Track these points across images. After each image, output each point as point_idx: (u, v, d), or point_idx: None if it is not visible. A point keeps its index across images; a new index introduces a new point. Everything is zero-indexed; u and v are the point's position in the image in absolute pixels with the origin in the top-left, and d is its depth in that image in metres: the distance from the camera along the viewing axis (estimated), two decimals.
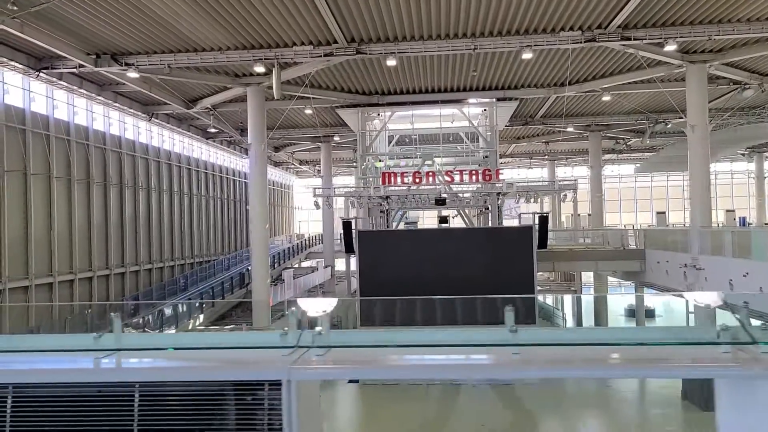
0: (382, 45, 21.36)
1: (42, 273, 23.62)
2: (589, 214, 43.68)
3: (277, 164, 57.27)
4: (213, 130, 33.37)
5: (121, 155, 30.19)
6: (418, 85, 28.71)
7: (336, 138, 40.06)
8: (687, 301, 22.45)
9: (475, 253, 25.16)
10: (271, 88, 26.38)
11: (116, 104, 28.00)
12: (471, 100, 29.72)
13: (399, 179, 24.71)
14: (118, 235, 29.41)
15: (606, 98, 28.85)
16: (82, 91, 25.08)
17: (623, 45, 20.99)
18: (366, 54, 21.53)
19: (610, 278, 38.63)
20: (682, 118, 34.71)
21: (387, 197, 26.83)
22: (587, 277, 41.82)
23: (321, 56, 21.60)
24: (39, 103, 24.08)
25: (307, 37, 20.81)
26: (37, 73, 22.15)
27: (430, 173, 24.55)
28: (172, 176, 35.59)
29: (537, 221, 26.13)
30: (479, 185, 24.56)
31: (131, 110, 29.60)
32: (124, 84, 26.22)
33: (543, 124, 37.13)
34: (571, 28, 20.48)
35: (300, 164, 56.19)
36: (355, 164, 52.77)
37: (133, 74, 22.51)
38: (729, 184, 62.20)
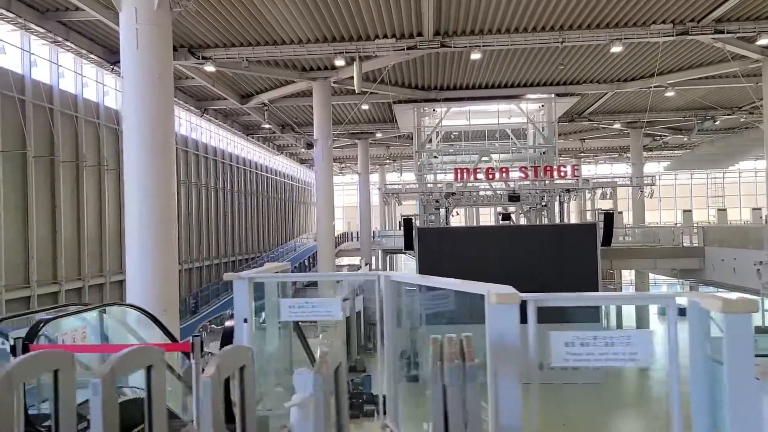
0: (467, 38, 21.02)
1: (94, 273, 23.01)
2: (619, 212, 43.45)
3: (303, 161, 56.93)
4: (267, 126, 32.93)
5: (177, 151, 29.74)
6: (476, 81, 28.42)
7: (378, 134, 39.68)
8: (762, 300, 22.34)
9: (537, 250, 24.87)
10: (336, 82, 26.23)
11: (178, 100, 27.52)
12: (530, 96, 29.43)
13: (472, 175, 24.36)
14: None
15: (669, 94, 28.64)
16: None
17: (713, 39, 20.76)
18: (450, 47, 21.19)
19: (651, 275, 38.53)
20: (732, 114, 34.83)
21: (452, 194, 26.49)
22: (627, 274, 41.73)
23: (403, 49, 21.26)
24: (110, 97, 23.60)
25: (393, 29, 20.46)
26: (112, 66, 21.69)
27: (504, 169, 24.22)
28: (218, 173, 35.16)
29: (602, 218, 25.88)
30: (555, 181, 24.24)
31: (186, 105, 29.15)
32: (186, 78, 25.82)
33: (589, 120, 36.96)
34: (663, 22, 20.22)
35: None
36: (388, 161, 52.66)
37: (209, 68, 22.10)
38: (753, 183, 62.25)
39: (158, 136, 9.44)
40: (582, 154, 49.87)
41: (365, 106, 30.87)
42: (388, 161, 51.39)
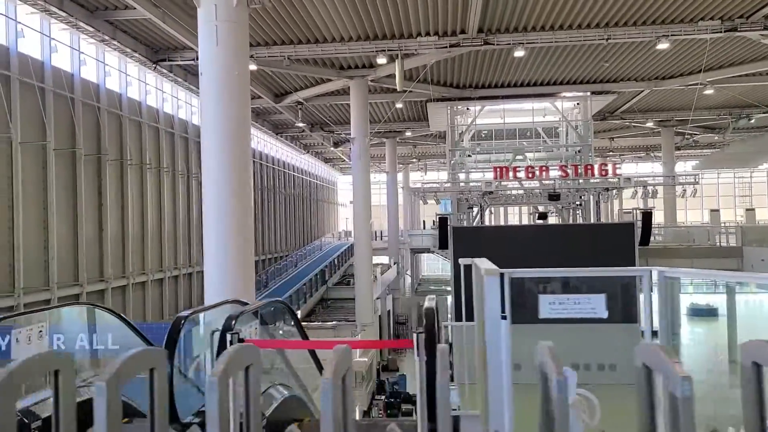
0: (510, 35, 20.87)
1: (137, 271, 23.08)
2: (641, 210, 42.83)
3: (327, 160, 56.97)
4: (300, 125, 32.93)
5: None
6: (512, 79, 28.25)
7: (408, 133, 39.59)
8: None
9: (574, 249, 24.57)
10: (374, 81, 26.16)
11: None
12: (566, 94, 29.19)
13: (511, 173, 24.18)
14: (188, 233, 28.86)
15: (709, 91, 28.26)
16: (189, 85, 24.69)
17: (761, 35, 20.43)
18: (493, 45, 21.05)
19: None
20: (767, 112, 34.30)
21: (490, 192, 26.34)
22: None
23: (446, 47, 21.15)
24: (152, 96, 23.73)
25: (436, 27, 20.36)
26: (154, 65, 21.80)
27: (545, 168, 24.03)
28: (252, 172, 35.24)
29: (640, 218, 25.62)
30: (597, 179, 23.98)
31: None
32: None
33: (621, 119, 36.59)
34: (711, 18, 19.94)
35: (350, 160, 55.74)
36: (414, 160, 52.52)
37: (251, 66, 22.06)
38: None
39: (235, 133, 9.42)
40: (610, 153, 49.39)
41: (399, 105, 30.79)
42: (414, 160, 51.24)
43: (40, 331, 4.08)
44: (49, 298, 16.66)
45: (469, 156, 31.22)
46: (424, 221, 47.56)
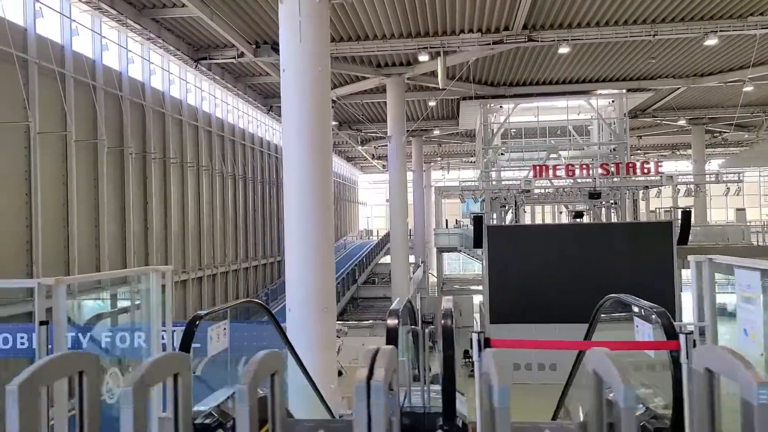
0: (554, 32, 20.68)
1: (178, 269, 23.09)
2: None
3: (350, 159, 56.88)
4: (333, 123, 32.83)
5: (244, 146, 29.86)
6: (547, 76, 28.02)
7: (436, 131, 39.42)
8: None
9: (611, 248, 24.40)
10: (411, 78, 26.03)
11: (246, 96, 27.62)
12: (602, 91, 28.92)
13: (551, 171, 23.97)
14: (232, 231, 28.88)
15: (748, 88, 27.86)
16: (226, 83, 24.71)
17: None
18: (537, 41, 20.86)
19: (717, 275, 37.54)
20: None
21: (527, 191, 26.13)
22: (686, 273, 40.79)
23: (488, 44, 20.98)
24: (192, 95, 23.76)
25: (481, 23, 20.20)
26: (195, 63, 21.78)
27: (585, 165, 23.79)
28: (278, 169, 35.25)
29: (679, 216, 25.34)
30: (640, 177, 23.73)
31: (255, 102, 29.23)
32: (258, 75, 25.91)
33: (652, 117, 36.23)
34: (761, 13, 19.62)
35: (373, 159, 55.65)
36: (438, 158, 52.33)
37: None
38: None
39: (317, 131, 9.32)
40: (637, 151, 48.96)
41: (432, 103, 30.64)
42: (438, 159, 51.07)
43: (225, 329, 4.02)
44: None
45: (502, 154, 30.99)
46: (446, 220, 47.39)
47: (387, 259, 51.59)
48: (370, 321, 26.51)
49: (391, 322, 9.50)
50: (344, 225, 56.61)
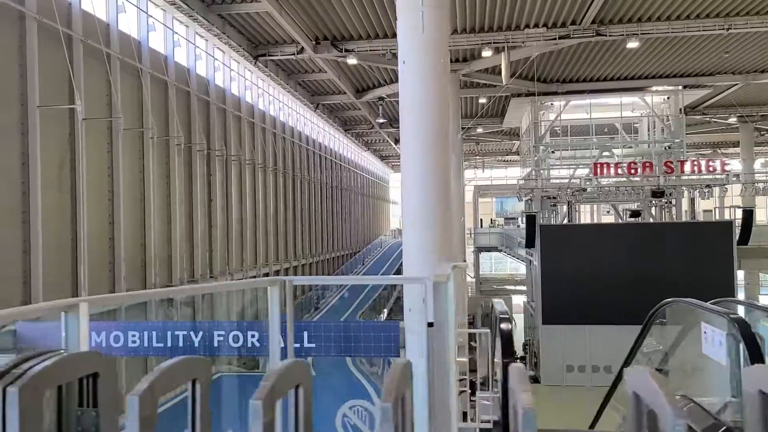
0: (623, 26, 20.19)
1: (236, 268, 23.00)
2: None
3: (384, 158, 56.64)
4: (381, 121, 32.58)
5: (293, 143, 29.71)
6: (602, 73, 27.51)
7: (479, 129, 38.97)
8: None
9: (668, 248, 23.82)
10: (466, 75, 25.64)
11: (297, 94, 27.42)
12: (657, 87, 28.30)
13: (612, 170, 23.47)
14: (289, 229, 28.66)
15: None
16: (279, 80, 24.52)
17: None
18: (605, 36, 20.39)
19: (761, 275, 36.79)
20: None
21: (584, 189, 25.64)
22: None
23: (554, 39, 20.55)
24: (250, 92, 23.64)
25: (548, 17, 19.77)
26: (254, 59, 21.60)
27: (648, 163, 23.24)
28: (324, 168, 35.08)
29: (741, 215, 24.74)
30: (706, 176, 23.14)
31: (304, 100, 29.05)
32: (311, 72, 25.70)
33: (702, 114, 35.45)
34: None
35: None
36: (476, 157, 51.85)
37: (351, 60, 21.82)
38: None
39: (438, 125, 9.00)
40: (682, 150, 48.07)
41: (483, 100, 30.25)
42: (477, 157, 50.59)
43: None
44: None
45: (553, 152, 30.48)
46: (481, 219, 46.94)
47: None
48: None
49: (505, 326, 9.07)
50: (379, 224, 56.41)
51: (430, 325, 3.30)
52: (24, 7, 10.74)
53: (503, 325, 8.53)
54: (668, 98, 29.38)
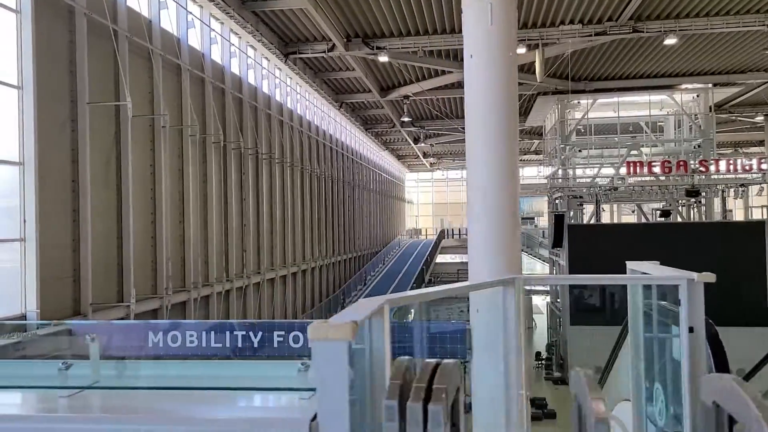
0: (660, 22, 19.86)
1: (267, 267, 22.81)
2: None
3: (400, 157, 56.37)
4: (406, 119, 32.35)
5: (317, 142, 29.53)
6: (629, 71, 27.17)
7: None
8: None
9: (698, 249, 23.44)
10: None
11: (322, 92, 27.23)
12: (687, 86, 27.90)
13: (646, 169, 23.14)
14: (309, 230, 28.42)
15: None
16: (307, 78, 24.32)
17: None
18: (642, 32, 20.06)
19: None
20: None
21: (615, 188, 25.33)
22: None
23: (590, 35, 20.25)
24: (280, 90, 23.49)
25: (586, 14, 19.48)
26: (285, 57, 21.41)
27: (681, 162, 22.90)
28: (345, 166, 34.89)
29: None
30: (743, 175, 22.80)
31: (329, 98, 28.86)
32: (339, 70, 25.52)
33: (729, 113, 34.98)
34: None
35: (424, 157, 55.06)
36: None
37: (383, 58, 21.60)
38: None
39: (506, 121, 8.71)
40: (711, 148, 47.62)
41: None
42: None
43: None
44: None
45: (580, 151, 30.17)
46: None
47: (440, 258, 51.05)
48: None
49: None
50: (395, 224, 56.18)
51: (691, 330, 3.09)
52: (74, 2, 10.58)
53: None
54: (697, 96, 28.99)
